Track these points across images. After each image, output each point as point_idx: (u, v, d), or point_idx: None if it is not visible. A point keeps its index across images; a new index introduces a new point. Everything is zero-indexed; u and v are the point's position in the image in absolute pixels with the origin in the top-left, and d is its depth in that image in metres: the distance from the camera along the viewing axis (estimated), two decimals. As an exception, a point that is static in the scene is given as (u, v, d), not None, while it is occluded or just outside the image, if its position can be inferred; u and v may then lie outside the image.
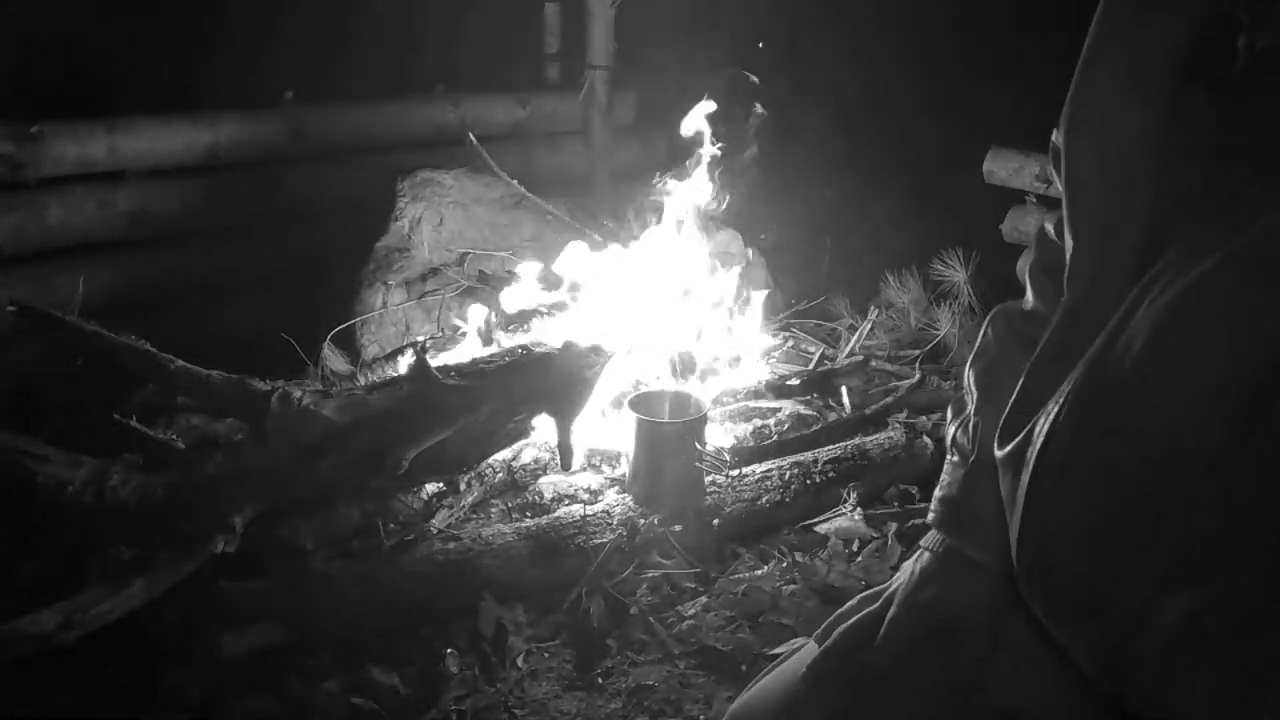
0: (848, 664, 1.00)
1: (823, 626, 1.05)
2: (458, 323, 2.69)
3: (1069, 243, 0.89)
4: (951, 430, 1.07)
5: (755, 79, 2.75)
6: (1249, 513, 0.72)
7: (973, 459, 1.02)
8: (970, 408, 1.05)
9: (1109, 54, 0.86)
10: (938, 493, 1.06)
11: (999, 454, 0.91)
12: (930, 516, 1.06)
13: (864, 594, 1.07)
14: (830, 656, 1.01)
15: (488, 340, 2.53)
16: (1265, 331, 0.72)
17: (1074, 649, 0.85)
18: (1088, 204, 0.87)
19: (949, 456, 1.07)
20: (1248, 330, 0.73)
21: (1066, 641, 0.86)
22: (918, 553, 1.05)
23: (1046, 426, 0.84)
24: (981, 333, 1.10)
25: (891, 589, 1.05)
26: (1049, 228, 1.07)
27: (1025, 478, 0.85)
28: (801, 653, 1.05)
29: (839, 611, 1.06)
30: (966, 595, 0.98)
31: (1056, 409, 0.83)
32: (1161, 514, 0.76)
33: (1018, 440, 0.88)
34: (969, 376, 1.07)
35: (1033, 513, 0.85)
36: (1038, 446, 0.84)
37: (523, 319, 2.61)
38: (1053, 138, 0.99)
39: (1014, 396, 0.91)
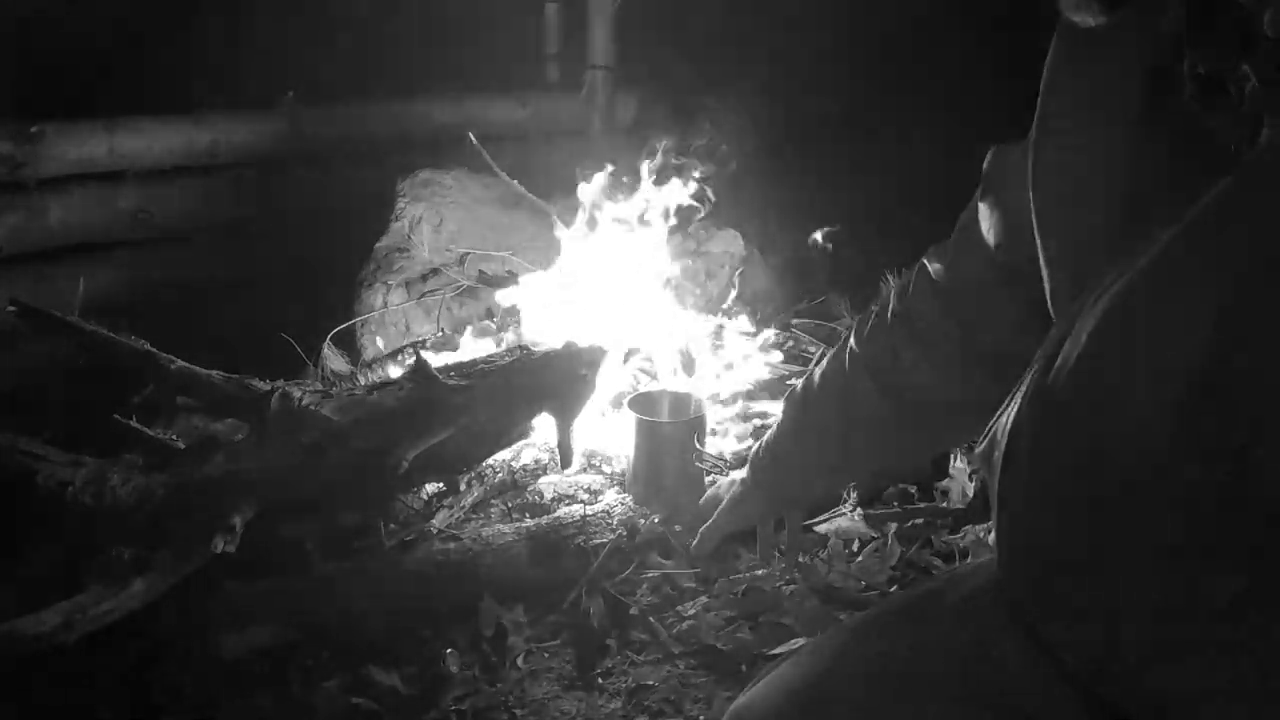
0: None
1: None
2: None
3: (1044, 271, 0.92)
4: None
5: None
6: (1209, 498, 0.72)
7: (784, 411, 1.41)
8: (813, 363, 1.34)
9: (1072, 75, 0.87)
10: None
11: (975, 454, 0.95)
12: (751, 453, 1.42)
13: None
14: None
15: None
16: (1209, 315, 0.72)
17: (1059, 649, 0.85)
18: (1058, 231, 0.89)
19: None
20: (1192, 315, 0.73)
21: (1053, 641, 0.86)
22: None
23: (1009, 425, 0.85)
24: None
25: None
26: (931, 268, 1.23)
27: (996, 480, 0.86)
28: (785, 664, 1.10)
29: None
30: (751, 507, 1.54)
31: (1015, 408, 0.85)
32: (1128, 506, 0.76)
33: (986, 442, 0.90)
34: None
35: (1006, 515, 0.86)
36: (1002, 446, 0.85)
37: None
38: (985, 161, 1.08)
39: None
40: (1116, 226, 0.83)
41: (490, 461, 2.15)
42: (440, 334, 2.71)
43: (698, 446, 2.11)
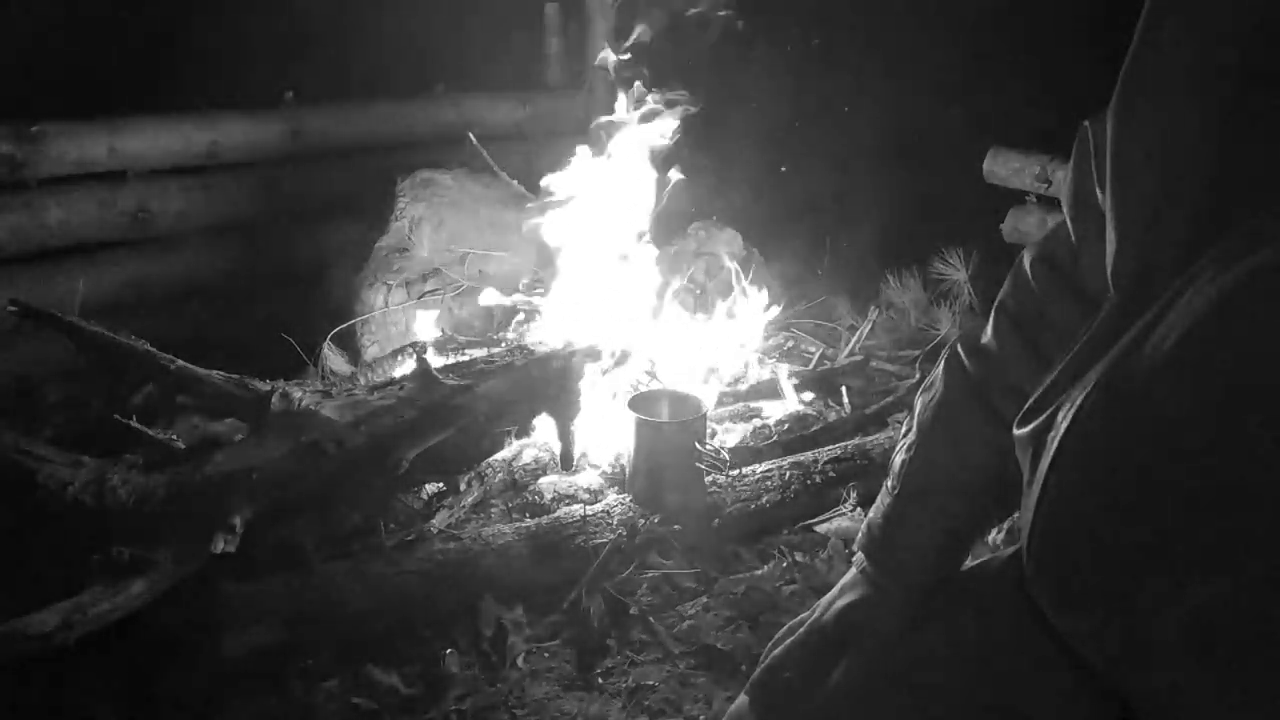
0: (780, 680, 1.05)
1: (764, 652, 1.11)
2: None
3: (1111, 236, 0.86)
4: (894, 454, 1.11)
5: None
6: (1273, 512, 0.71)
7: (896, 493, 1.08)
8: (905, 440, 1.09)
9: (1167, 38, 0.82)
10: (869, 514, 1.12)
11: (1019, 433, 0.90)
12: (859, 536, 1.12)
13: (793, 622, 1.12)
14: (766, 673, 1.07)
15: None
16: None
17: (1078, 639, 0.84)
18: (1136, 194, 0.84)
19: (886, 480, 1.12)
20: None
21: (1071, 631, 0.85)
22: (851, 568, 1.13)
23: (1072, 412, 0.82)
24: (937, 362, 1.11)
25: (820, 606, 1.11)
26: (1027, 265, 1.05)
27: (1045, 462, 0.84)
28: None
29: (774, 638, 1.12)
30: (872, 613, 1.07)
31: (1083, 395, 0.81)
32: (1184, 508, 0.75)
33: (1039, 421, 0.87)
34: (915, 404, 1.11)
35: (1049, 498, 0.84)
36: (1061, 431, 0.82)
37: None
38: (1084, 125, 0.97)
39: (1046, 382, 0.89)
40: (1203, 202, 0.79)
41: (490, 461, 2.15)
42: (442, 333, 2.71)
43: (698, 446, 2.12)
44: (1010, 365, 1.03)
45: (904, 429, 1.12)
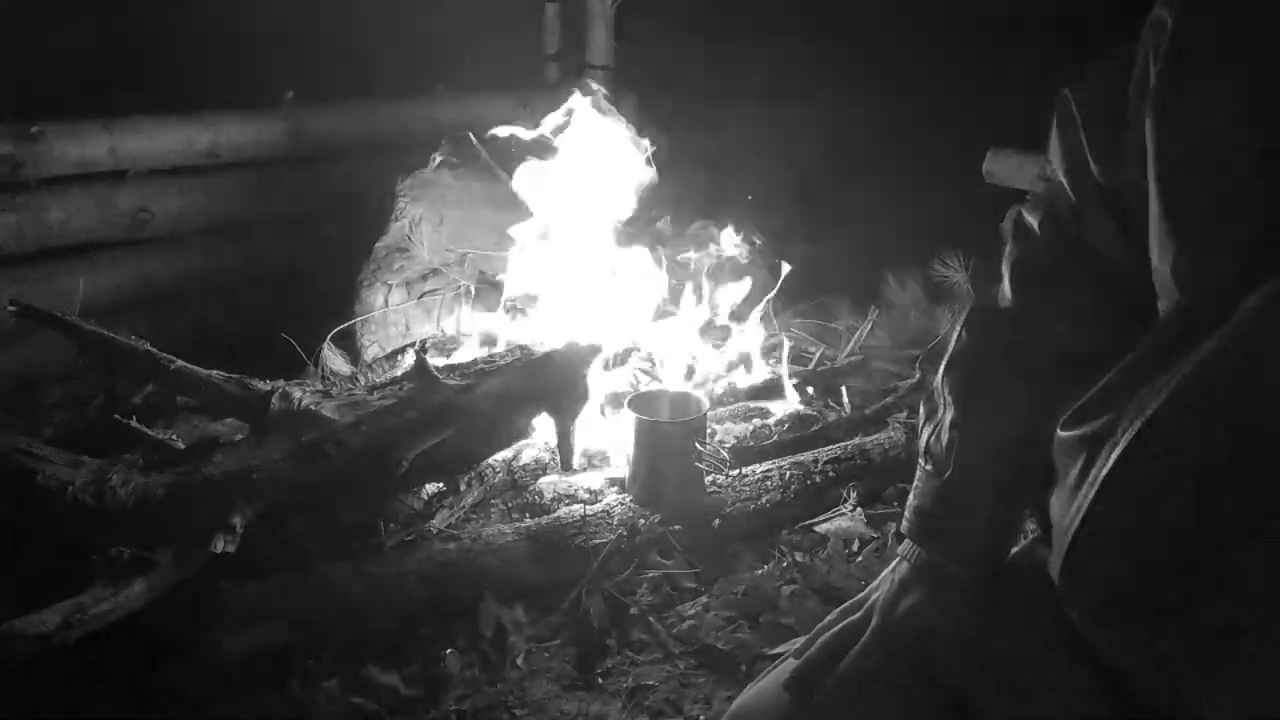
0: (827, 674, 1.00)
1: (804, 639, 1.07)
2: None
3: (1168, 243, 0.82)
4: (924, 437, 1.06)
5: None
6: None
7: (949, 474, 1.02)
8: (944, 417, 1.04)
9: (1205, 32, 0.79)
10: (912, 501, 1.07)
11: (1066, 434, 0.86)
12: (904, 525, 1.07)
13: (844, 606, 1.08)
14: (811, 666, 1.02)
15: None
16: None
17: (1113, 646, 0.83)
18: (1187, 197, 0.80)
19: (921, 464, 1.06)
20: None
21: (1105, 638, 0.83)
22: (895, 561, 1.07)
23: (1140, 421, 0.78)
24: (956, 335, 1.07)
25: (871, 599, 1.06)
26: (1030, 220, 1.02)
27: (1103, 470, 0.80)
28: (786, 663, 1.05)
29: (820, 625, 1.07)
30: (943, 605, 1.01)
31: (1157, 403, 0.78)
32: (1254, 523, 0.73)
33: (1098, 425, 0.83)
34: (943, 382, 1.05)
35: (1103, 504, 0.80)
36: (1126, 439, 0.79)
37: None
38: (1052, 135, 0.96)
39: (1101, 383, 0.86)
40: (1255, 212, 0.75)
41: (490, 461, 2.15)
42: (442, 334, 2.71)
43: (698, 446, 2.12)
44: (1040, 322, 1.00)
45: (924, 414, 1.08)
